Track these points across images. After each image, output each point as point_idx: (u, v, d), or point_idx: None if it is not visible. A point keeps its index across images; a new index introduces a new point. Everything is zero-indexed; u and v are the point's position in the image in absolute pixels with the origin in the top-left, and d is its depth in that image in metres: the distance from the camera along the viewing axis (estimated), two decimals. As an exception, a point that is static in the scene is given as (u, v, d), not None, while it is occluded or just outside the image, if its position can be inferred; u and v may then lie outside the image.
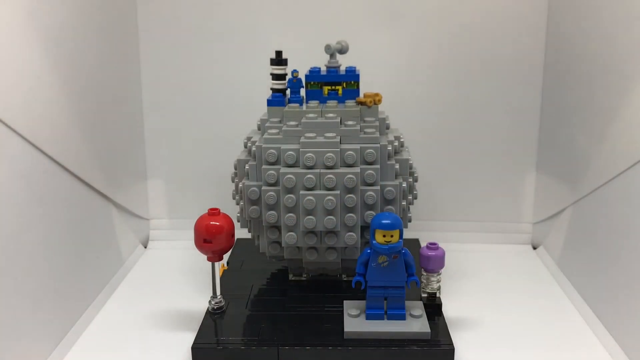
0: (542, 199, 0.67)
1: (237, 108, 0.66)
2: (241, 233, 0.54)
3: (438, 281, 0.49)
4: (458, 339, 0.47)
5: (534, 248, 0.68)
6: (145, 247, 0.69)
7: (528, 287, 0.58)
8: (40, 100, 0.47)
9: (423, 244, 0.49)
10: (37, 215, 0.46)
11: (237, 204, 0.51)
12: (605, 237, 0.51)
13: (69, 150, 0.51)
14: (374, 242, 0.43)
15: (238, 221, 0.52)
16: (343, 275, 0.53)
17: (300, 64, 0.53)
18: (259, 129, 0.53)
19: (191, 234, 0.47)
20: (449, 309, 0.52)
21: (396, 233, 0.43)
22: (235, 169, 0.51)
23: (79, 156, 0.53)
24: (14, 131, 0.43)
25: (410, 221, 0.52)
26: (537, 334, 0.50)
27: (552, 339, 0.49)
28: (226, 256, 0.59)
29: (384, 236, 0.43)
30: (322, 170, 0.46)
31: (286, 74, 0.52)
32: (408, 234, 0.50)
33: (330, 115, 0.48)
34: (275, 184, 0.47)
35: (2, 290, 0.41)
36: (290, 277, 0.54)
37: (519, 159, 0.67)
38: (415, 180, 0.52)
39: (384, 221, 0.43)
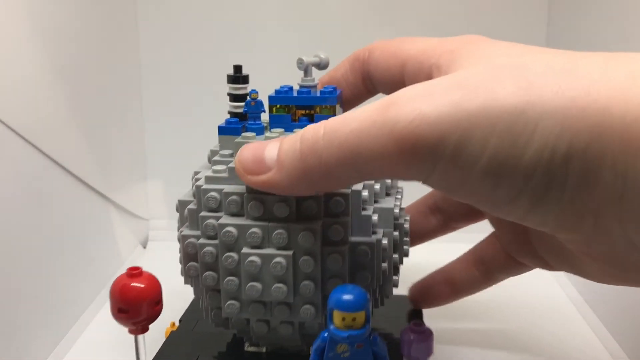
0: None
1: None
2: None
3: (425, 371, 0.37)
4: (457, 336, 0.48)
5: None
6: (145, 248, 0.68)
7: (528, 287, 0.57)
8: (40, 100, 0.47)
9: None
10: (37, 215, 0.46)
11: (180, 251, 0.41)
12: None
13: (69, 150, 0.51)
14: (331, 326, 0.32)
15: (182, 275, 0.41)
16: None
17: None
18: (209, 161, 0.42)
19: None
20: (450, 308, 0.50)
21: (360, 315, 0.32)
22: (177, 210, 0.41)
23: (78, 156, 0.53)
24: (14, 131, 0.43)
25: (396, 286, 0.40)
26: (537, 334, 0.50)
27: (552, 339, 0.49)
28: (179, 311, 0.49)
29: (344, 319, 0.32)
30: (271, 224, 0.35)
31: (247, 95, 0.42)
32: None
33: (290, 149, 0.37)
34: (215, 237, 0.36)
35: (1, 290, 0.41)
36: (246, 347, 0.43)
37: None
38: (406, 234, 0.41)
39: (343, 298, 0.32)
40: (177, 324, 0.48)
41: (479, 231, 0.68)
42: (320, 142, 0.28)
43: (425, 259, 0.64)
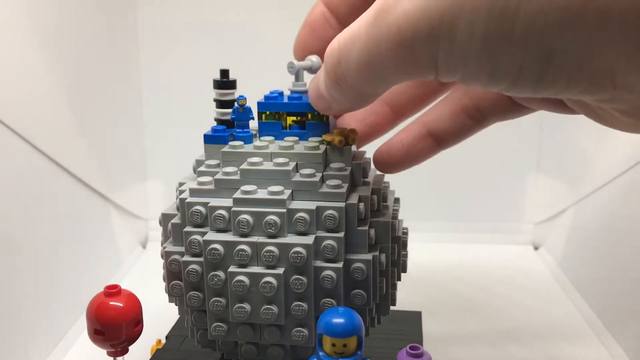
0: (543, 199, 0.67)
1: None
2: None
3: (425, 397, 0.35)
4: (458, 337, 0.48)
5: (535, 249, 0.68)
6: (144, 248, 0.68)
7: (529, 288, 0.58)
8: (39, 100, 0.47)
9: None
10: (37, 215, 0.46)
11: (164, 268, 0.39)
12: (606, 238, 0.51)
13: (68, 150, 0.51)
14: (320, 353, 0.30)
15: (166, 293, 0.39)
16: (304, 371, 0.40)
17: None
18: (194, 171, 0.40)
19: None
20: (450, 308, 0.52)
21: (352, 341, 0.29)
22: (161, 224, 0.38)
23: (78, 156, 0.53)
24: (13, 131, 0.43)
25: (394, 305, 0.38)
26: (538, 334, 0.50)
27: (553, 339, 0.49)
28: (167, 327, 0.47)
29: (334, 345, 0.29)
30: (260, 240, 0.33)
31: (234, 101, 0.40)
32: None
33: (280, 160, 0.35)
34: (200, 254, 0.34)
35: (2, 290, 0.41)
36: (236, 368, 0.41)
37: (519, 159, 0.67)
38: (404, 246, 0.38)
39: (333, 322, 0.29)
40: (163, 341, 0.46)
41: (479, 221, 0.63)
42: (339, 69, 0.29)
43: (426, 260, 0.62)
